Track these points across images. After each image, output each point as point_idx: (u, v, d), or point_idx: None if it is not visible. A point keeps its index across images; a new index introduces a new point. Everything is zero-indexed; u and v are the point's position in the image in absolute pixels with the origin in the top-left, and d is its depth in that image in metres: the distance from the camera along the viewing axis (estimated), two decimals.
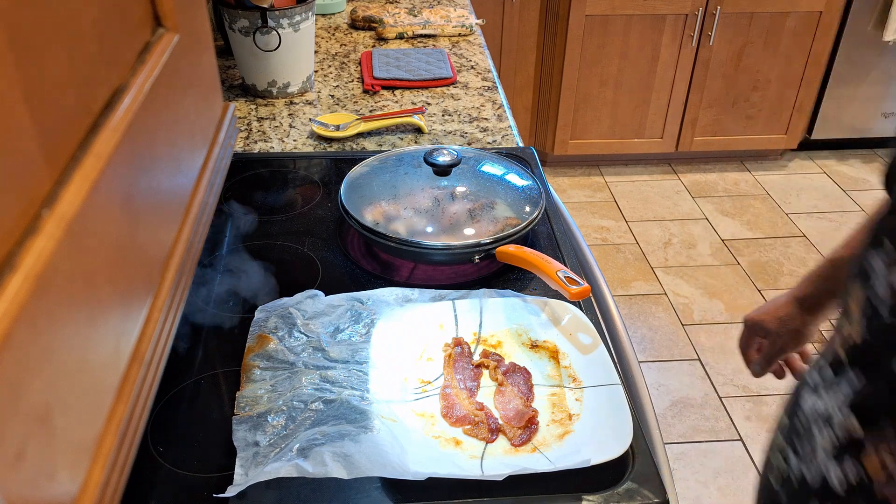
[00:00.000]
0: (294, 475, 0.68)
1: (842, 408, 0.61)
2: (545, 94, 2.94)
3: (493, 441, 0.76)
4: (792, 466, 0.67)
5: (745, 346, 1.01)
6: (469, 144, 1.33)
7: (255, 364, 0.82)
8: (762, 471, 0.75)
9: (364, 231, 0.98)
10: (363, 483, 0.71)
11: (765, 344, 0.98)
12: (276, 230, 1.09)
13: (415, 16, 1.81)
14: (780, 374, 1.01)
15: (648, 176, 3.08)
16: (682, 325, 2.32)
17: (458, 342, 0.87)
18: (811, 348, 0.97)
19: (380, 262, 1.02)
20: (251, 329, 0.87)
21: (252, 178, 1.22)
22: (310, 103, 1.47)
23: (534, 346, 0.87)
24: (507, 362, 0.85)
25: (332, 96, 1.50)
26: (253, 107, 1.45)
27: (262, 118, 1.41)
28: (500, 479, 0.68)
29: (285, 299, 0.90)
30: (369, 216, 0.99)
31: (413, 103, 1.48)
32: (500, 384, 0.82)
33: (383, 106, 1.46)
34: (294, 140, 1.34)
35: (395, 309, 0.89)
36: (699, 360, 2.19)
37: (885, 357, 0.58)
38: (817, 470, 0.63)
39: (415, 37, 1.78)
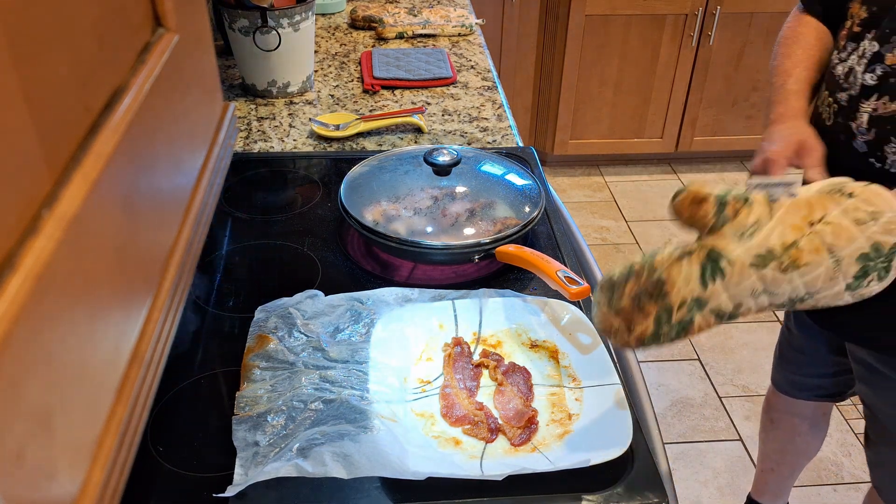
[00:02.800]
0: (294, 475, 0.68)
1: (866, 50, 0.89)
2: (545, 94, 2.94)
3: (492, 441, 0.76)
4: (839, 99, 0.92)
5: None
6: (469, 144, 1.33)
7: (254, 364, 0.82)
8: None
9: (364, 231, 0.98)
10: (363, 483, 0.71)
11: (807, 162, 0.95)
12: (276, 230, 1.09)
13: (415, 16, 1.81)
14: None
15: (648, 176, 3.08)
16: None
17: (458, 342, 0.87)
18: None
19: (380, 262, 1.02)
20: (251, 329, 0.87)
21: (252, 177, 1.22)
22: (310, 103, 1.47)
23: (533, 345, 0.87)
24: (506, 362, 0.85)
25: (332, 96, 1.50)
26: (253, 106, 1.45)
27: (261, 118, 1.41)
28: (500, 479, 0.68)
29: (285, 299, 0.90)
30: (369, 216, 0.99)
31: (413, 103, 1.48)
32: (500, 384, 0.82)
33: (383, 106, 1.46)
34: (294, 140, 1.34)
35: (395, 309, 0.89)
36: (699, 360, 2.19)
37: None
38: (857, 82, 0.89)
39: (415, 36, 1.78)
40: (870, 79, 0.86)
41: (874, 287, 0.68)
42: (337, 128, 1.34)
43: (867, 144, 0.88)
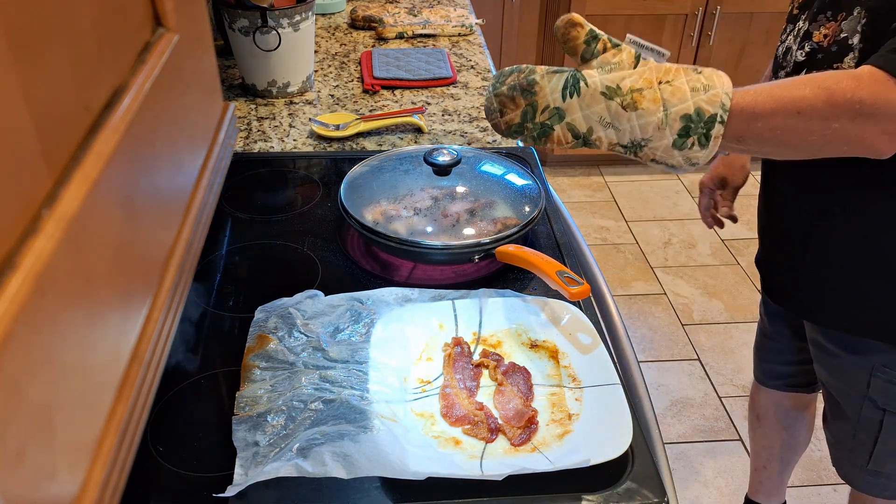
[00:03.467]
0: (294, 475, 0.68)
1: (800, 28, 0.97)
2: None
3: (492, 441, 0.76)
4: (779, 77, 0.99)
5: (706, 208, 1.34)
6: (469, 144, 1.33)
7: (254, 364, 0.82)
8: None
9: (364, 231, 0.98)
10: (363, 483, 0.71)
11: (723, 194, 1.33)
12: (275, 230, 1.09)
13: (415, 15, 1.81)
14: (726, 218, 1.34)
15: (648, 176, 3.08)
16: (682, 325, 2.32)
17: (458, 342, 0.87)
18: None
19: (379, 262, 1.02)
20: (251, 329, 0.87)
21: (252, 177, 1.22)
22: (310, 103, 1.47)
23: (533, 345, 0.87)
24: (506, 362, 0.85)
25: (332, 96, 1.50)
26: (253, 106, 1.45)
27: (261, 118, 1.41)
28: (500, 478, 0.68)
29: (285, 299, 0.90)
30: (369, 216, 0.99)
31: (413, 103, 1.48)
32: (500, 384, 0.82)
33: (383, 106, 1.46)
34: (294, 140, 1.34)
35: (395, 309, 0.89)
36: (699, 360, 2.19)
37: None
38: (792, 60, 0.97)
39: (415, 36, 1.78)
40: (800, 55, 0.94)
41: (697, 153, 0.79)
42: (337, 128, 1.34)
43: None
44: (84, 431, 0.33)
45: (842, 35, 0.88)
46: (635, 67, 0.80)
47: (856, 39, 0.87)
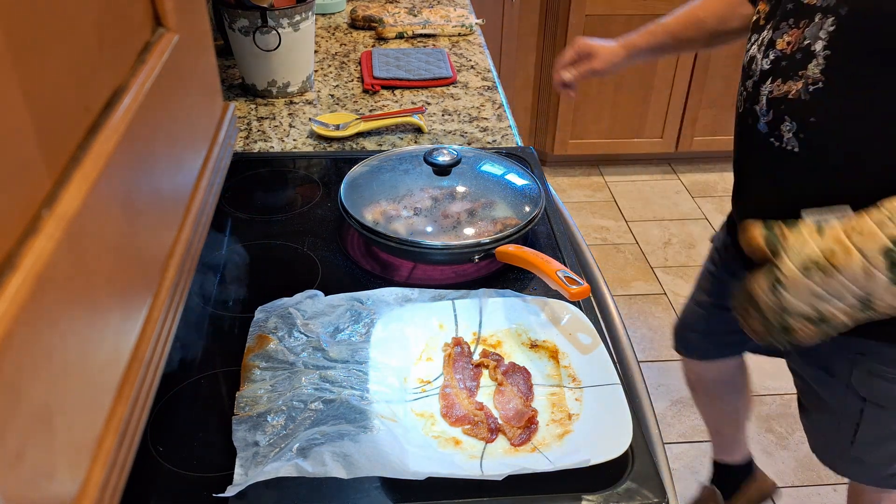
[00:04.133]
0: (294, 475, 0.68)
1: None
2: (545, 94, 2.94)
3: (492, 441, 0.76)
4: (746, 86, 1.02)
5: (566, 57, 1.31)
6: (469, 144, 1.33)
7: (254, 364, 0.82)
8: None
9: (364, 231, 0.98)
10: (363, 483, 0.71)
11: (582, 63, 1.30)
12: (275, 230, 1.09)
13: (415, 15, 1.81)
14: (569, 87, 1.32)
15: (648, 176, 3.08)
16: None
17: (458, 342, 0.87)
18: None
19: (379, 262, 1.02)
20: (251, 329, 0.87)
21: (252, 177, 1.22)
22: (310, 103, 1.47)
23: (533, 345, 0.87)
24: (506, 362, 0.85)
25: (332, 96, 1.50)
26: (253, 106, 1.45)
27: (261, 118, 1.41)
28: (500, 478, 0.68)
29: (285, 299, 0.90)
30: (369, 216, 0.99)
31: (413, 103, 1.48)
32: (500, 384, 0.82)
33: (383, 106, 1.46)
34: (294, 140, 1.34)
35: (395, 309, 0.89)
36: None
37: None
38: (758, 69, 0.98)
39: (415, 36, 1.78)
40: (765, 64, 0.96)
41: None
42: (337, 128, 1.34)
43: (767, 125, 0.97)
44: (84, 431, 0.33)
45: (805, 42, 0.89)
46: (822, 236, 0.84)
47: (818, 46, 0.88)
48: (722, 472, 1.69)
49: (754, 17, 1.01)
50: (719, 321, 1.35)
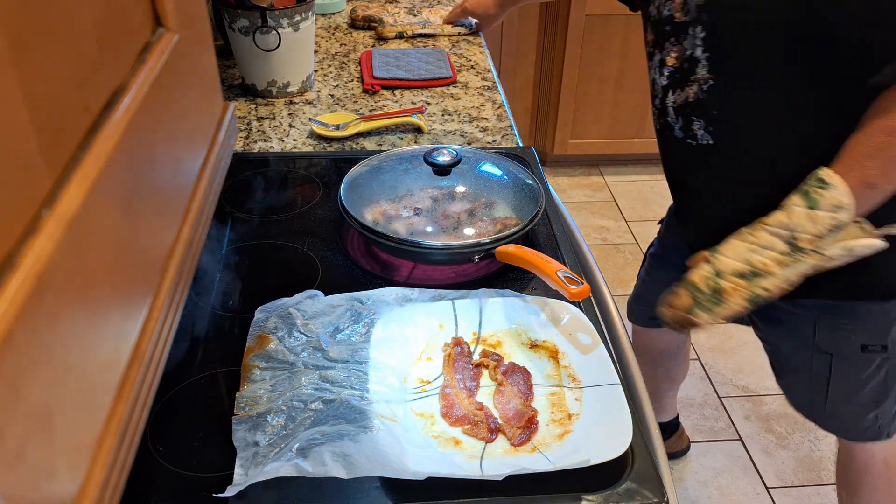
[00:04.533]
0: (294, 475, 0.68)
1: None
2: (545, 94, 2.94)
3: (492, 441, 0.76)
4: (655, 105, 1.13)
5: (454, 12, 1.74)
6: (469, 144, 1.33)
7: (254, 364, 0.82)
8: None
9: (364, 231, 0.98)
10: (363, 483, 0.71)
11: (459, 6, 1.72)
12: (275, 230, 1.09)
13: (414, 15, 1.81)
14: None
15: (648, 176, 3.08)
16: None
17: (458, 342, 0.87)
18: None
19: (379, 262, 1.02)
20: (251, 329, 0.87)
21: (252, 177, 1.22)
22: (310, 103, 1.47)
23: (533, 345, 0.87)
24: (506, 362, 0.85)
25: (332, 96, 1.50)
26: (253, 106, 1.45)
27: (261, 118, 1.41)
28: (500, 478, 0.68)
29: (285, 299, 0.90)
30: (369, 216, 0.99)
31: (413, 103, 1.48)
32: (500, 384, 0.82)
33: (383, 106, 1.46)
34: (294, 140, 1.34)
35: (395, 309, 0.89)
36: (699, 360, 2.19)
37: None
38: (659, 86, 1.10)
39: (414, 36, 1.78)
40: (663, 80, 1.08)
41: (828, 193, 0.89)
42: (337, 128, 1.34)
43: (681, 130, 1.07)
44: (84, 431, 0.33)
45: (687, 52, 1.01)
46: None
47: (699, 52, 0.99)
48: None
49: (647, 49, 1.13)
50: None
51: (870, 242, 0.91)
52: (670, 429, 1.86)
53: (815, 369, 1.19)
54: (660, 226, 1.52)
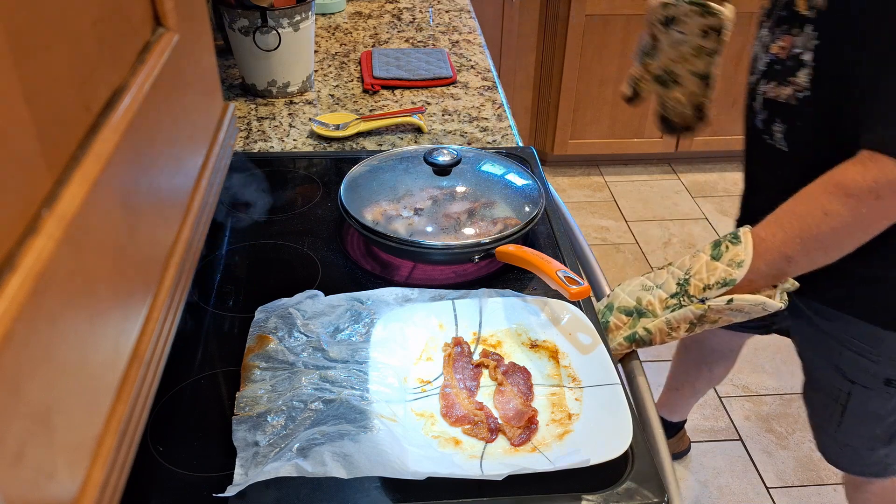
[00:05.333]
0: (294, 475, 0.68)
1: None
2: (545, 94, 2.94)
3: (492, 441, 0.76)
4: (750, 81, 1.07)
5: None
6: (469, 144, 1.33)
7: (254, 364, 0.82)
8: None
9: (364, 231, 0.98)
10: (363, 483, 0.71)
11: None
12: (275, 230, 1.09)
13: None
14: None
15: (648, 176, 3.08)
16: None
17: (458, 342, 0.87)
18: None
19: (380, 262, 1.02)
20: (251, 329, 0.87)
21: (252, 177, 1.22)
22: (310, 103, 1.47)
23: (533, 345, 0.87)
24: (506, 362, 0.85)
25: (332, 96, 1.50)
26: (253, 106, 1.45)
27: (261, 118, 1.41)
28: (500, 478, 0.68)
29: (285, 299, 0.90)
30: (369, 216, 0.99)
31: (413, 103, 1.48)
32: (500, 384, 0.82)
33: (383, 105, 1.46)
34: (294, 140, 1.34)
35: (395, 309, 0.89)
36: None
37: None
38: (758, 67, 1.03)
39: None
40: (762, 65, 1.00)
41: (735, 251, 0.90)
42: (337, 128, 1.34)
43: (762, 123, 1.02)
44: (84, 431, 0.33)
45: (795, 50, 0.94)
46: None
47: (808, 57, 0.92)
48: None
49: (760, 15, 1.05)
50: None
51: (756, 299, 0.89)
52: (674, 429, 1.84)
53: (834, 392, 1.15)
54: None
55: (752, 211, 1.17)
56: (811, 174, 0.92)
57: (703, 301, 0.90)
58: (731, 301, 0.89)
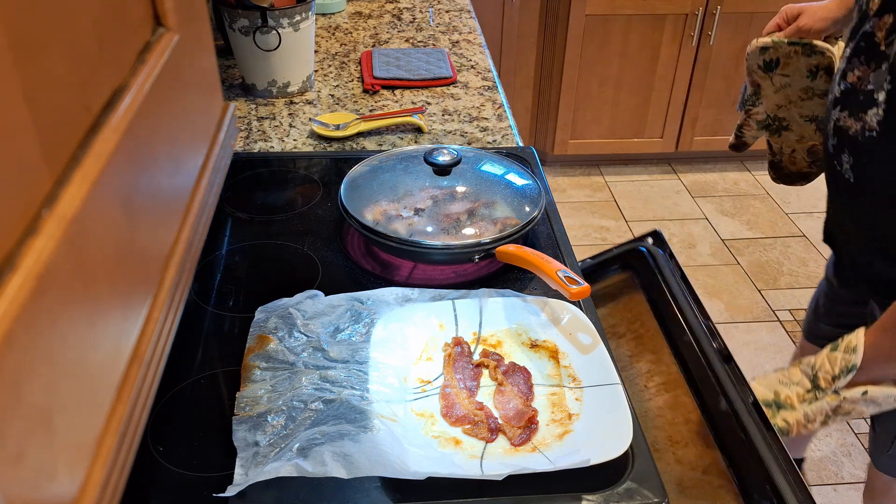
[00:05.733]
0: (294, 475, 0.68)
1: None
2: (545, 94, 2.94)
3: (492, 441, 0.76)
4: (828, 101, 1.03)
5: (769, 25, 1.21)
6: (469, 144, 1.33)
7: (255, 364, 0.82)
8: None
9: (364, 231, 0.98)
10: (363, 483, 0.71)
11: (791, 25, 1.18)
12: (276, 230, 1.09)
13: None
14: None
15: (648, 176, 3.08)
16: None
17: (458, 342, 0.87)
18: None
19: (380, 262, 1.02)
20: (251, 329, 0.87)
21: (252, 177, 1.22)
22: (310, 103, 1.47)
23: (533, 345, 0.87)
24: (506, 362, 0.85)
25: (332, 96, 1.50)
26: (253, 106, 1.45)
27: (261, 118, 1.41)
28: (500, 478, 0.68)
29: (285, 299, 0.90)
30: (369, 216, 0.99)
31: (413, 103, 1.48)
32: (500, 384, 0.82)
33: (383, 105, 1.46)
34: (294, 140, 1.34)
35: (395, 309, 0.89)
36: None
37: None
38: (835, 90, 0.99)
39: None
40: (838, 91, 0.97)
41: (852, 344, 0.91)
42: (337, 128, 1.34)
43: (833, 149, 0.99)
44: (84, 431, 0.33)
45: (869, 86, 0.91)
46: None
47: (881, 97, 0.89)
48: None
49: (849, 29, 1.03)
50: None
51: (890, 392, 0.91)
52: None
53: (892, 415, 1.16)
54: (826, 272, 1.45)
55: (831, 234, 1.17)
56: (880, 209, 0.92)
57: (836, 392, 0.92)
58: (865, 393, 0.91)
